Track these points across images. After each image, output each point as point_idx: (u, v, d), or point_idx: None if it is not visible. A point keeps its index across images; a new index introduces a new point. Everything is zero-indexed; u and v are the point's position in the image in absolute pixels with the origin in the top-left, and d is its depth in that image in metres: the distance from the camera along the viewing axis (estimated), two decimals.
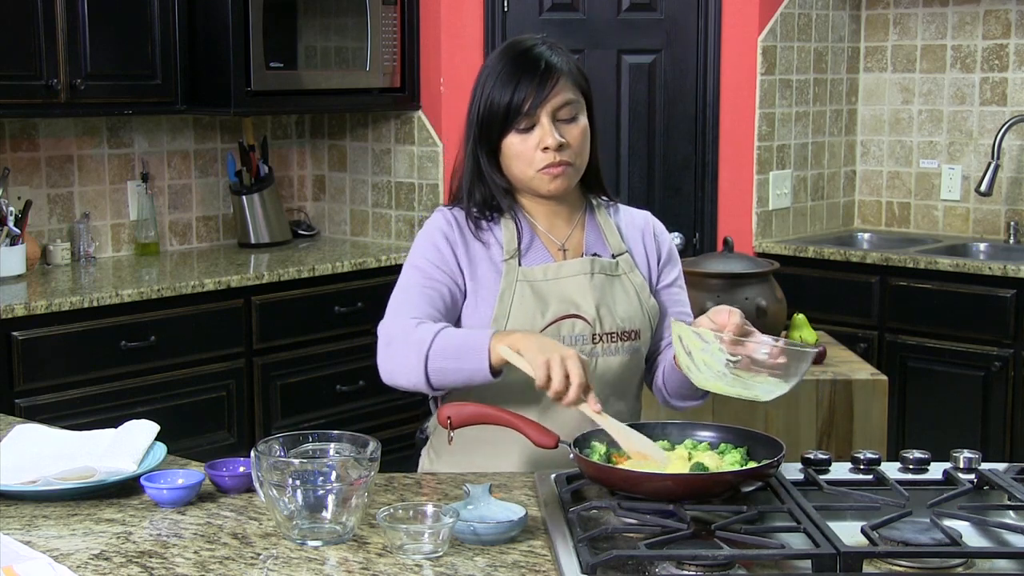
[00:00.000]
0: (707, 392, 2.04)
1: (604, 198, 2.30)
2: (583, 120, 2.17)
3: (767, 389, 1.92)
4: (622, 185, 4.62)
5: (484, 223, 2.20)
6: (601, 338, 2.16)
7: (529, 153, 2.14)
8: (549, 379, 1.87)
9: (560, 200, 2.22)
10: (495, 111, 2.13)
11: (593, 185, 2.27)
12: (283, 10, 4.28)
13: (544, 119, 2.12)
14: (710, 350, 1.91)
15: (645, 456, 1.86)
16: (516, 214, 2.22)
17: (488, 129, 2.16)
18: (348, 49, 4.50)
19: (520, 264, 2.17)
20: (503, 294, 2.14)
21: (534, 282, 2.16)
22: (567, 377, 1.87)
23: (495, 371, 1.96)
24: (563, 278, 2.17)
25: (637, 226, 2.30)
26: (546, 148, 2.12)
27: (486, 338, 1.97)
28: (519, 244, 2.19)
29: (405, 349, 2.03)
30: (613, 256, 2.23)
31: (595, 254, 2.22)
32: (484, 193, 2.20)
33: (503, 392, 2.07)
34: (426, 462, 2.30)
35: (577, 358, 1.88)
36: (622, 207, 2.33)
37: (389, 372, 2.07)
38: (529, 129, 2.13)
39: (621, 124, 4.60)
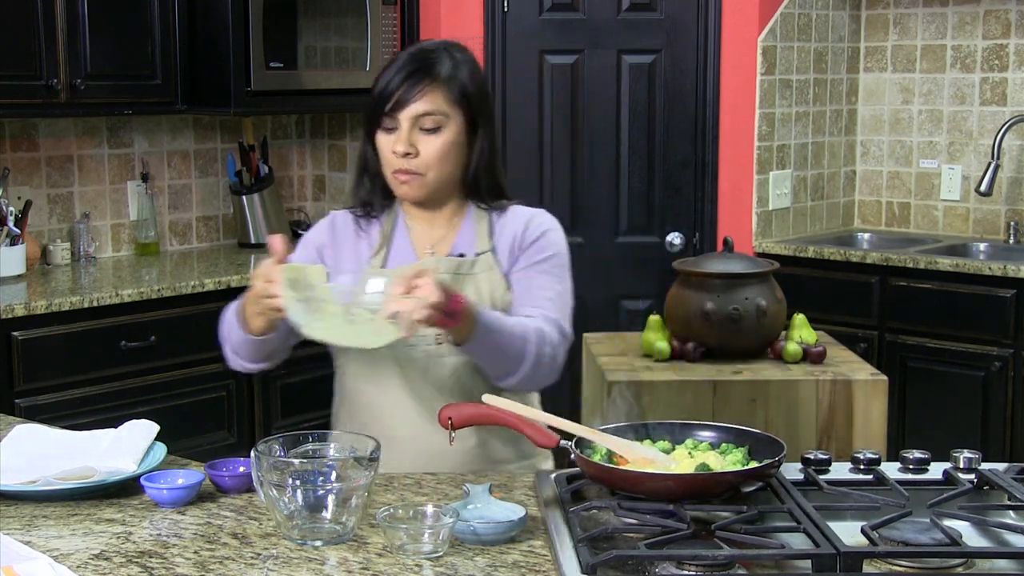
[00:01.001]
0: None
1: (483, 204, 2.25)
2: (447, 135, 2.14)
3: (378, 335, 1.93)
4: (622, 185, 4.63)
5: (364, 221, 2.24)
6: (444, 339, 2.13)
7: (388, 154, 2.15)
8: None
9: (434, 204, 2.22)
10: (372, 100, 2.16)
11: (473, 194, 2.24)
12: (283, 10, 4.28)
13: (404, 123, 2.13)
14: (318, 294, 1.93)
15: (651, 461, 1.86)
16: (397, 214, 2.24)
17: (367, 120, 2.18)
18: (348, 49, 4.50)
19: (384, 266, 2.19)
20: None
21: None
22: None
23: (252, 328, 2.07)
24: None
25: (518, 223, 2.24)
26: (395, 152, 2.13)
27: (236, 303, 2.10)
28: (389, 245, 2.21)
29: (222, 335, 2.18)
30: (477, 255, 2.20)
31: (460, 254, 2.21)
32: (367, 187, 2.23)
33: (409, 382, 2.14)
34: None
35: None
36: (515, 208, 2.27)
37: (228, 360, 2.20)
38: (392, 130, 2.14)
39: (621, 124, 4.60)
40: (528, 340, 2.05)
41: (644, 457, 1.87)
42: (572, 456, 1.86)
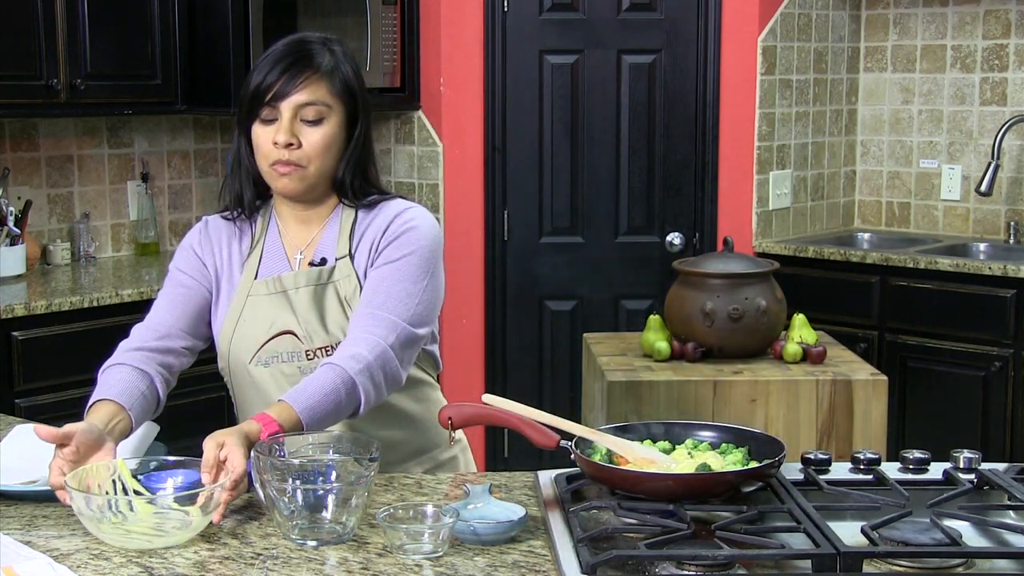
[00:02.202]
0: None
1: (351, 202, 2.18)
2: (329, 127, 2.09)
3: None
4: (622, 185, 4.63)
5: (237, 224, 2.19)
6: (316, 354, 2.10)
7: (266, 146, 2.08)
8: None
9: (306, 202, 2.16)
10: (248, 93, 2.09)
11: (343, 191, 2.16)
12: (283, 10, 4.28)
13: (285, 113, 2.07)
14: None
15: (652, 461, 1.86)
16: (268, 214, 2.20)
17: (243, 113, 2.11)
18: (348, 49, 4.49)
19: (257, 275, 2.15)
20: (232, 310, 2.13)
21: (259, 296, 2.13)
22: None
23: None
24: (285, 291, 2.13)
25: (383, 220, 2.15)
26: (276, 143, 2.07)
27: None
28: (261, 248, 2.17)
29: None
30: (337, 259, 2.14)
31: (323, 259, 2.15)
32: (239, 184, 2.17)
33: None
34: None
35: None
36: (388, 204, 2.18)
37: None
38: (271, 121, 2.08)
39: (621, 124, 4.60)
40: (352, 386, 1.96)
41: (644, 457, 1.87)
42: (572, 456, 1.86)
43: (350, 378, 1.96)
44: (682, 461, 1.86)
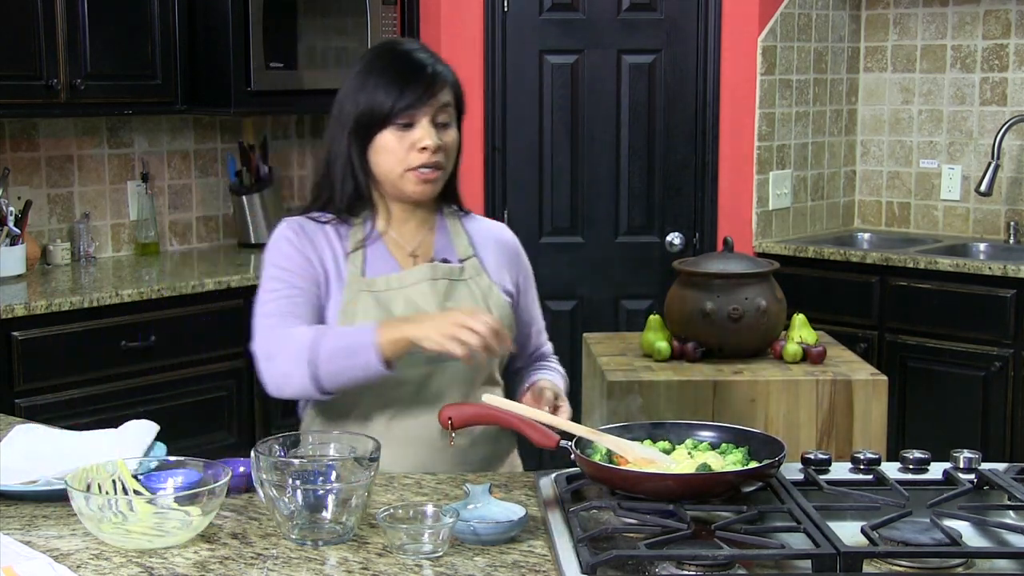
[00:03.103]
0: None
1: (455, 206, 2.29)
2: (455, 130, 2.18)
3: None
4: (622, 185, 4.63)
5: (330, 227, 2.18)
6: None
7: (403, 151, 2.12)
8: (455, 343, 1.90)
9: (416, 205, 2.21)
10: (377, 110, 2.11)
11: (449, 194, 2.25)
12: (283, 10, 4.28)
13: (425, 119, 2.11)
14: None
15: (651, 461, 1.86)
16: (370, 217, 2.21)
17: (365, 126, 2.13)
18: (348, 49, 4.50)
19: (364, 274, 2.16)
20: (346, 306, 2.13)
21: (377, 292, 2.14)
22: (473, 331, 1.90)
23: (388, 363, 1.98)
24: (407, 287, 2.16)
25: (491, 234, 2.30)
26: (424, 148, 2.11)
27: (371, 333, 1.97)
28: (365, 249, 2.18)
29: (287, 360, 2.02)
30: (460, 261, 2.22)
31: (444, 259, 2.21)
32: (348, 190, 2.17)
33: (384, 389, 2.09)
34: None
35: (468, 312, 1.94)
36: (476, 216, 2.33)
37: (277, 386, 2.06)
38: (408, 126, 2.11)
39: (621, 124, 4.60)
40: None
41: (644, 457, 1.87)
42: (572, 456, 1.86)
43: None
44: (682, 461, 1.86)
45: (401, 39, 2.26)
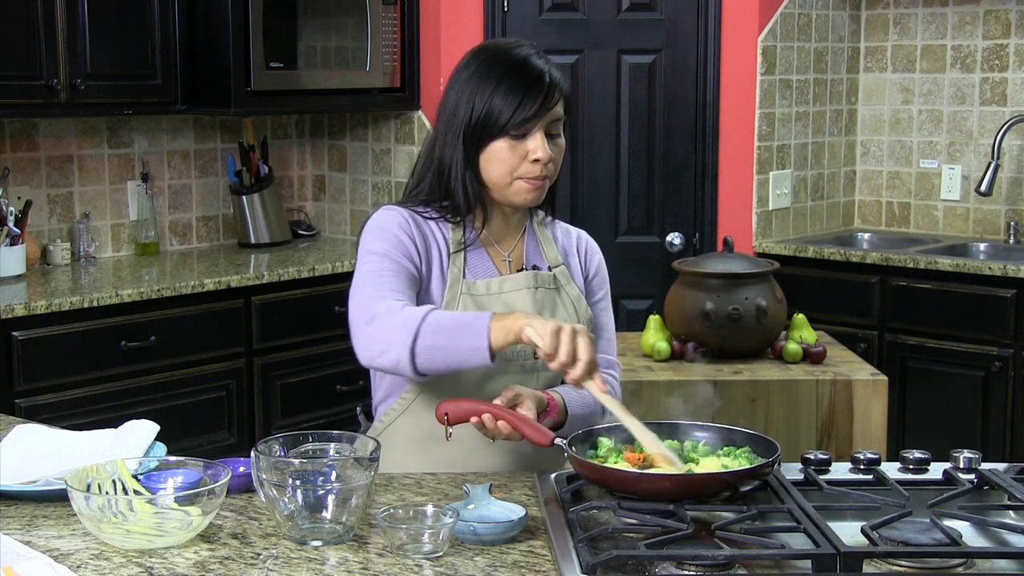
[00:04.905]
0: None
1: (542, 212, 2.30)
2: (563, 139, 2.18)
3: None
4: (622, 185, 4.62)
5: (434, 224, 2.17)
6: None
7: (515, 160, 2.11)
8: (556, 349, 1.85)
9: (514, 210, 2.21)
10: (493, 120, 2.09)
11: (545, 200, 2.25)
12: (283, 10, 4.28)
13: (539, 131, 2.11)
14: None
15: (666, 459, 1.84)
16: (471, 219, 2.20)
17: (480, 132, 2.11)
18: (348, 49, 4.50)
19: (465, 275, 2.16)
20: (445, 306, 2.12)
21: (477, 296, 2.14)
22: (575, 351, 1.85)
23: (492, 354, 1.91)
24: (506, 292, 2.16)
25: (572, 240, 2.33)
26: (536, 160, 2.10)
27: (487, 316, 1.93)
28: (465, 252, 2.17)
29: (391, 326, 1.96)
30: (550, 268, 2.23)
31: (535, 266, 2.22)
32: (453, 190, 2.15)
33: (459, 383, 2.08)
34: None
35: (587, 335, 1.87)
36: (558, 222, 2.35)
37: (370, 351, 1.99)
38: (522, 136, 2.11)
39: (621, 124, 4.60)
40: (603, 413, 2.14)
41: (660, 454, 1.85)
42: (566, 455, 1.86)
43: (603, 408, 2.07)
44: (706, 465, 1.85)
45: (511, 40, 2.24)
